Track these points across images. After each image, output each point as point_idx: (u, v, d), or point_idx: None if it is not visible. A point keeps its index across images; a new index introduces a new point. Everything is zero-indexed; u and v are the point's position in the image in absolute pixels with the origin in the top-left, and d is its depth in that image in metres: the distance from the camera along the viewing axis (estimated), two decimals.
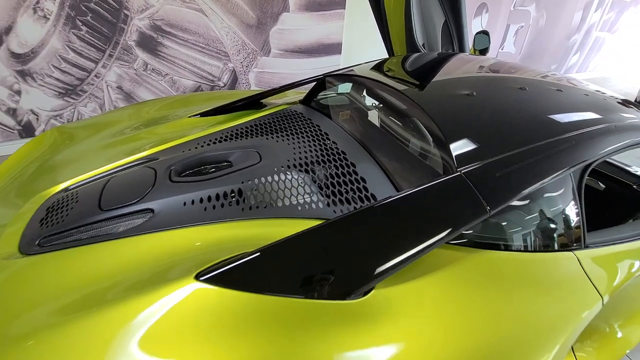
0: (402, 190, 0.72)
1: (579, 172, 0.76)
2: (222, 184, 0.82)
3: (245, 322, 0.52)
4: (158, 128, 1.18)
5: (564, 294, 0.67)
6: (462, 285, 0.64)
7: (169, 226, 0.72)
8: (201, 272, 0.56)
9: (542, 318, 0.64)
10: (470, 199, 0.65)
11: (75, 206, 0.80)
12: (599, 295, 0.68)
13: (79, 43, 2.34)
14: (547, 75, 1.16)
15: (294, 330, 0.53)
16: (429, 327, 0.58)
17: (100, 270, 0.65)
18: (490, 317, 0.62)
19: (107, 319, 0.52)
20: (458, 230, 0.62)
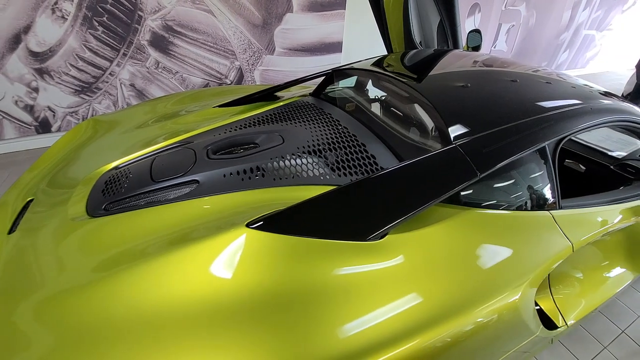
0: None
1: (553, 144, 0.91)
2: (254, 160, 0.96)
3: (287, 258, 0.67)
4: (188, 117, 1.32)
5: (538, 240, 0.83)
6: (454, 235, 0.78)
7: (213, 192, 0.86)
8: (250, 222, 0.70)
9: (518, 256, 0.79)
10: (463, 165, 0.80)
11: (131, 179, 0.94)
12: (568, 241, 0.84)
13: (95, 42, 2.46)
14: (538, 69, 1.31)
15: (328, 263, 0.67)
16: (426, 264, 0.72)
17: (161, 225, 0.79)
18: (473, 258, 0.76)
19: (180, 257, 0.66)
20: (453, 189, 0.77)
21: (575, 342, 1.45)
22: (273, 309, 0.61)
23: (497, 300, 0.70)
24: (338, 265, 0.67)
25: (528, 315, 0.76)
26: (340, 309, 0.63)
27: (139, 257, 0.69)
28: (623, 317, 1.61)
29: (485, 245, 0.78)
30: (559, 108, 0.96)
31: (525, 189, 0.90)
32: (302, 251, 0.68)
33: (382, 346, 0.59)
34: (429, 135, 1.03)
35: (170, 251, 0.67)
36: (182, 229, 0.76)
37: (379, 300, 0.65)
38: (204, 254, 0.66)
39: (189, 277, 0.64)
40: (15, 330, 0.59)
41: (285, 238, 0.68)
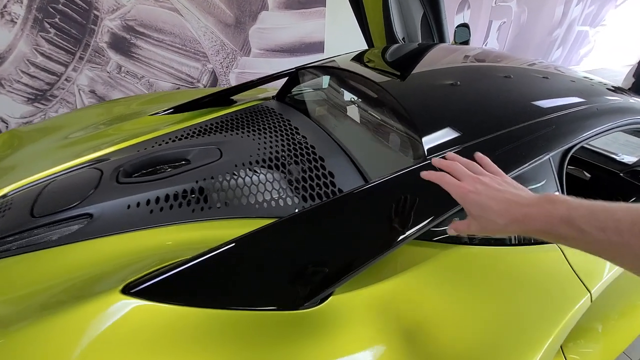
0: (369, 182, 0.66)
1: (559, 157, 0.70)
2: (174, 183, 0.74)
3: (180, 343, 0.45)
4: (115, 128, 1.10)
5: (549, 290, 0.61)
6: (435, 285, 0.57)
7: (108, 232, 0.64)
8: (129, 285, 0.48)
9: (526, 317, 0.58)
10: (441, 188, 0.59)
11: (7, 214, 0.71)
12: (586, 290, 0.62)
13: (47, 46, 2.24)
14: (534, 63, 1.11)
15: (238, 347, 0.46)
16: (398, 333, 0.51)
17: (25, 282, 0.57)
18: (468, 319, 0.55)
19: (19, 339, 0.44)
20: (428, 221, 0.55)
21: None
22: None
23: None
24: (254, 352, 0.45)
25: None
26: None
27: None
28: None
29: (475, 302, 0.56)
30: (559, 109, 0.76)
31: None
32: (205, 330, 0.46)
33: None
34: (400, 148, 0.82)
35: (16, 329, 0.45)
36: (46, 292, 0.54)
37: None
38: (53, 334, 0.44)
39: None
40: None
41: (178, 310, 0.46)
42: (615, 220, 0.33)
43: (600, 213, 0.35)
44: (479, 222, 0.44)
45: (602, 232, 0.34)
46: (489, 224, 0.43)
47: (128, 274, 0.52)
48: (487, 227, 0.44)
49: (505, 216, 0.41)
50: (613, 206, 0.35)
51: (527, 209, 0.40)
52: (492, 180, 0.46)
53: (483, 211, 0.43)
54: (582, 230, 0.35)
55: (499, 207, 0.42)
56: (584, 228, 0.35)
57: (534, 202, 0.41)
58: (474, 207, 0.44)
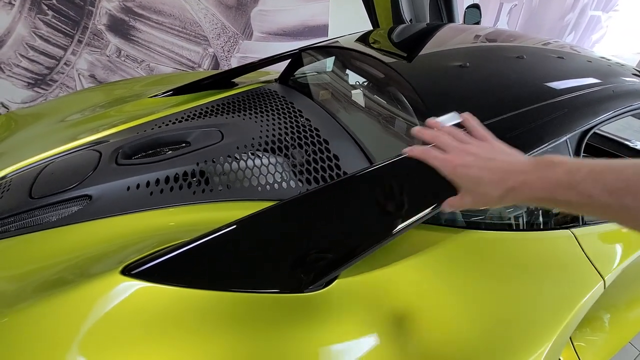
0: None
1: (575, 140, 0.67)
2: (174, 165, 0.72)
3: (183, 324, 0.44)
4: (115, 110, 1.07)
5: (561, 276, 0.59)
6: (444, 270, 0.55)
7: (108, 214, 0.63)
8: (128, 266, 0.46)
9: (538, 303, 0.56)
10: None
11: (5, 195, 0.70)
12: (600, 276, 0.60)
13: (45, 29, 2.19)
14: (549, 42, 1.05)
15: (240, 330, 0.44)
16: (403, 317, 0.49)
17: (24, 263, 0.56)
18: (477, 305, 0.54)
19: (19, 319, 0.44)
20: (436, 205, 0.53)
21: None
22: None
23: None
24: (258, 334, 0.44)
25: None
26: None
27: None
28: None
29: (484, 289, 0.54)
30: (573, 90, 0.72)
31: None
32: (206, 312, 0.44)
33: None
34: (407, 130, 0.79)
35: (16, 310, 0.44)
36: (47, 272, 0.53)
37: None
38: (54, 314, 0.43)
39: (34, 348, 0.41)
40: None
41: (180, 292, 0.45)
42: (624, 180, 0.30)
43: (606, 173, 0.31)
44: (472, 196, 0.41)
45: (610, 195, 0.30)
46: (483, 197, 0.40)
47: (128, 254, 0.51)
48: (481, 201, 0.41)
49: (500, 186, 0.38)
50: (619, 164, 0.31)
51: (522, 177, 0.37)
52: (480, 148, 0.42)
53: (476, 185, 0.40)
54: (586, 194, 0.31)
55: (491, 178, 0.39)
56: (589, 192, 0.31)
57: (529, 167, 0.37)
58: (464, 181, 0.41)
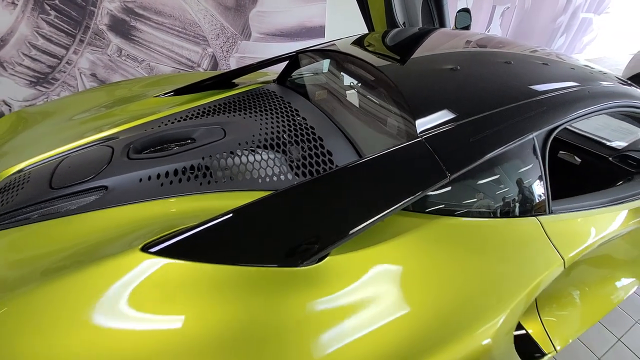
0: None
1: (543, 136, 0.75)
2: (181, 159, 0.79)
3: (194, 293, 0.51)
4: (121, 109, 1.14)
5: (524, 255, 0.67)
6: (422, 251, 0.63)
7: (123, 202, 0.69)
8: (148, 244, 0.53)
9: (502, 277, 0.64)
10: (429, 164, 0.64)
11: (26, 186, 0.77)
12: (560, 257, 0.68)
13: (47, 29, 2.24)
14: (537, 50, 1.12)
15: (245, 299, 0.52)
16: (384, 292, 0.57)
17: (48, 245, 0.63)
18: (439, 282, 0.61)
19: (47, 293, 0.50)
20: (416, 194, 0.61)
21: (565, 353, 1.32)
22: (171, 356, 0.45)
23: (470, 334, 0.55)
24: (263, 304, 0.51)
25: (507, 351, 0.61)
26: (263, 354, 0.47)
27: (10, 288, 0.53)
28: (619, 323, 1.48)
29: (454, 266, 0.62)
30: (550, 92, 0.80)
31: (508, 192, 0.73)
32: (215, 283, 0.52)
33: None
34: (395, 127, 0.86)
35: (42, 284, 0.51)
36: (69, 252, 0.60)
37: (309, 344, 0.49)
38: (81, 287, 0.50)
39: (63, 316, 0.48)
40: None
41: (192, 266, 0.52)
42: None
43: None
44: None
45: None
46: None
47: (144, 235, 0.58)
48: None
49: None
50: None
51: None
52: None
53: None
54: None
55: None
56: None
57: None
58: None
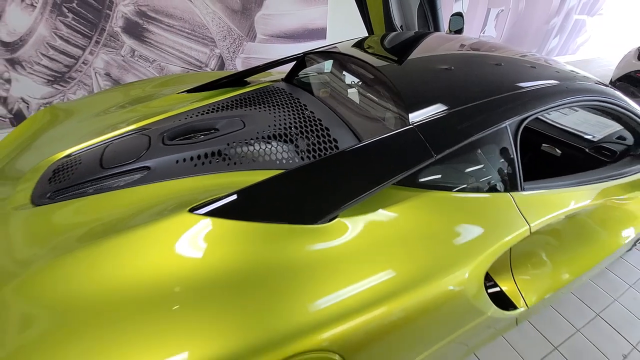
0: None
1: (515, 124, 0.89)
2: (209, 145, 0.93)
3: (230, 243, 0.64)
4: (149, 104, 1.27)
5: (496, 222, 0.81)
6: (406, 217, 0.76)
7: (164, 179, 0.83)
8: (193, 207, 0.67)
9: (470, 236, 0.78)
10: (419, 146, 0.78)
11: (80, 167, 0.90)
12: (527, 224, 0.82)
13: (65, 30, 2.37)
14: (526, 55, 1.23)
15: (272, 247, 0.65)
16: (373, 246, 0.70)
17: (105, 212, 0.76)
18: (424, 239, 0.74)
19: (112, 246, 0.63)
20: (406, 171, 0.74)
21: (547, 325, 1.46)
22: (216, 290, 0.59)
23: (445, 279, 0.69)
24: (286, 250, 0.65)
25: (477, 294, 0.75)
26: (284, 295, 0.61)
27: (78, 243, 0.66)
28: (599, 300, 1.62)
29: (438, 227, 0.76)
30: (522, 88, 0.94)
31: (485, 171, 0.88)
32: (246, 235, 0.65)
33: (327, 322, 0.59)
34: (391, 118, 1.00)
35: (109, 238, 0.65)
36: (127, 215, 0.73)
37: (321, 283, 0.63)
38: (142, 241, 0.64)
39: (126, 263, 0.61)
40: None
41: (229, 223, 0.66)
42: None
43: None
44: None
45: None
46: None
47: (186, 202, 0.71)
48: None
49: None
50: None
51: None
52: None
53: None
54: None
55: None
56: None
57: None
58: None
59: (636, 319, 1.55)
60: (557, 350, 1.37)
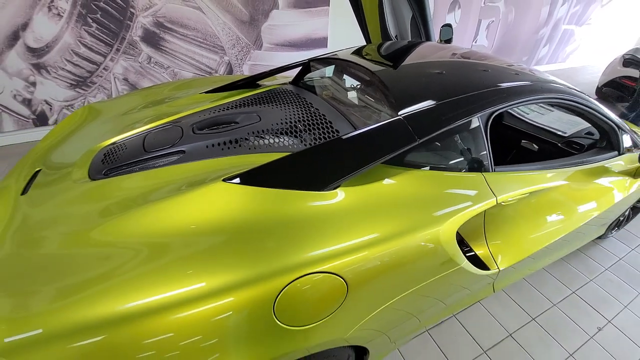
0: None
1: (485, 116, 1.08)
2: (233, 134, 1.12)
3: (258, 203, 0.82)
4: (177, 101, 1.47)
5: (468, 194, 0.99)
6: (394, 188, 0.94)
7: (198, 159, 1.02)
8: (226, 178, 0.85)
9: (446, 202, 0.96)
10: (404, 132, 0.97)
11: (126, 150, 1.09)
12: (493, 195, 1.01)
13: (89, 38, 2.59)
14: (513, 64, 1.41)
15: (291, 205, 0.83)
16: (368, 208, 0.88)
17: (154, 182, 0.94)
18: (408, 203, 0.92)
19: (163, 207, 0.81)
20: (395, 151, 0.93)
21: (525, 299, 1.63)
22: (247, 237, 0.76)
23: (423, 232, 0.87)
24: (300, 207, 0.83)
25: (449, 246, 0.93)
26: (289, 238, 0.78)
27: (140, 204, 0.84)
28: (575, 280, 1.80)
29: (420, 195, 0.94)
30: (492, 86, 1.13)
31: (460, 154, 1.06)
32: (270, 197, 0.83)
33: (333, 255, 0.77)
34: (383, 111, 1.20)
35: (165, 199, 0.83)
36: (172, 185, 0.92)
37: (327, 229, 0.81)
38: (190, 201, 0.82)
39: (181, 217, 0.79)
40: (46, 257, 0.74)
41: (255, 189, 0.84)
42: None
43: None
44: None
45: None
46: None
47: (219, 175, 0.90)
48: None
49: None
50: None
51: None
52: None
53: None
54: None
55: None
56: None
57: None
58: None
59: (611, 298, 1.72)
60: (534, 321, 1.53)
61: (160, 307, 0.64)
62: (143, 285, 0.65)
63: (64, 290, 0.64)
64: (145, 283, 0.66)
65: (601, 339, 1.49)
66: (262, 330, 0.72)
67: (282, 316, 0.72)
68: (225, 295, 0.67)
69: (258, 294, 0.69)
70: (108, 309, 0.62)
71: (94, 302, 0.63)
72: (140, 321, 0.62)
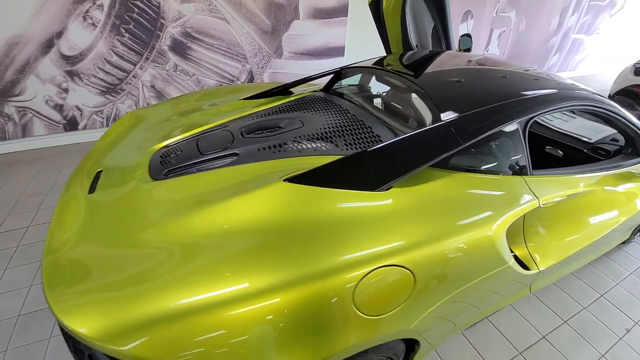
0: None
1: (524, 122, 1.13)
2: (280, 138, 1.18)
3: (316, 201, 0.88)
4: (218, 107, 1.54)
5: (510, 194, 1.04)
6: (442, 189, 0.99)
7: (251, 161, 1.08)
8: (286, 178, 0.91)
9: (492, 204, 1.01)
10: (450, 137, 1.02)
11: (182, 153, 1.16)
12: (535, 197, 1.05)
13: (121, 48, 2.70)
14: (528, 69, 1.48)
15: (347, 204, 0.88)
16: (419, 208, 0.93)
17: (213, 183, 1.00)
18: (456, 204, 0.97)
19: (225, 206, 0.87)
20: (442, 155, 0.98)
21: (555, 303, 1.65)
22: (317, 234, 0.81)
23: (473, 232, 0.92)
24: (361, 206, 0.88)
25: (500, 244, 0.97)
26: (356, 233, 0.83)
27: (203, 203, 0.90)
28: (602, 284, 1.81)
29: (467, 197, 0.99)
30: (531, 95, 1.19)
31: (501, 158, 1.11)
32: (328, 196, 0.89)
33: (397, 252, 0.82)
34: (424, 117, 1.25)
35: (230, 198, 0.88)
36: (231, 185, 0.98)
37: (381, 228, 0.86)
38: (255, 199, 0.87)
39: (247, 214, 0.84)
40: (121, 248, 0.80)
41: (314, 188, 0.89)
42: None
43: None
44: None
45: None
46: None
47: (274, 176, 0.95)
48: None
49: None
50: None
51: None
52: None
53: None
54: None
55: None
56: None
57: None
58: None
59: (638, 300, 1.73)
60: (566, 324, 1.55)
61: (247, 296, 0.69)
62: (230, 276, 0.71)
63: (144, 281, 0.70)
64: (235, 273, 0.72)
65: (630, 340, 1.51)
66: (342, 319, 0.77)
67: (361, 306, 0.77)
68: (309, 284, 0.73)
69: (338, 283, 0.75)
70: (208, 292, 0.68)
71: (183, 287, 0.68)
72: (238, 307, 0.69)
